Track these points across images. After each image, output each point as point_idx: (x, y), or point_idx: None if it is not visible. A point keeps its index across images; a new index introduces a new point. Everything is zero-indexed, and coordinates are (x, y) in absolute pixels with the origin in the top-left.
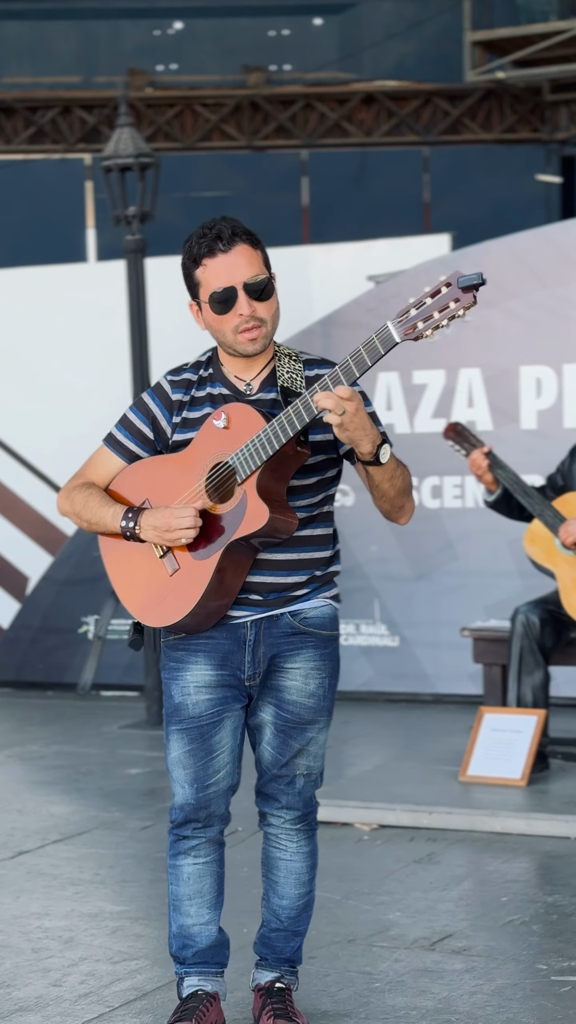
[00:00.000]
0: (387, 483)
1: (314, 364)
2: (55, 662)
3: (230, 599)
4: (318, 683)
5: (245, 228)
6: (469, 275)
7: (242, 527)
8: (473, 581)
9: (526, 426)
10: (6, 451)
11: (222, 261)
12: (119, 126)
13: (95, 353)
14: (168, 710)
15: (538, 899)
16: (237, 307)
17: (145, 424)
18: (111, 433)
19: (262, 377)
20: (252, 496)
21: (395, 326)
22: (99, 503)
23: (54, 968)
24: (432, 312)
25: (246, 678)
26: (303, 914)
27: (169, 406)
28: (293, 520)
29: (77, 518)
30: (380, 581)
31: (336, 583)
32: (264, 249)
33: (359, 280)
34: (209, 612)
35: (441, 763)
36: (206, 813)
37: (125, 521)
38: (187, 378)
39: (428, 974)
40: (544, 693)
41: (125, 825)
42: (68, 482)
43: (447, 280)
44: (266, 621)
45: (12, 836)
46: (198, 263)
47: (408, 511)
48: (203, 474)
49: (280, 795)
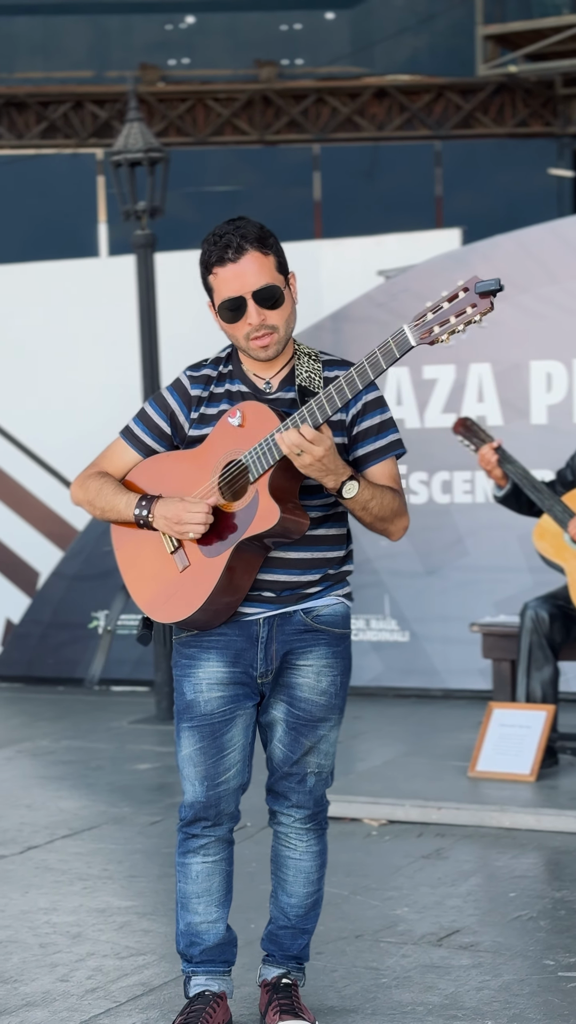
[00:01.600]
0: (359, 512)
1: (334, 365)
2: (65, 657)
3: (240, 597)
4: (330, 680)
5: (257, 233)
6: (487, 280)
7: (253, 526)
8: (483, 576)
9: (536, 421)
10: (16, 446)
11: (231, 270)
12: (129, 121)
13: (106, 348)
14: (179, 707)
15: (546, 895)
16: (247, 316)
17: (163, 419)
18: (128, 426)
19: (281, 376)
20: (264, 495)
21: (411, 330)
22: (113, 491)
23: (61, 963)
24: (449, 316)
25: (258, 675)
26: (311, 912)
27: (188, 401)
28: (304, 520)
29: (90, 506)
30: (390, 576)
31: (349, 582)
32: (278, 251)
33: (369, 275)
34: (218, 609)
35: (450, 758)
36: (216, 811)
37: (139, 509)
38: (207, 374)
39: (435, 970)
40: (553, 688)
41: (134, 820)
42: (83, 471)
43: (465, 285)
44: (279, 618)
45: (21, 831)
46: (209, 270)
47: (396, 531)
48: (216, 471)
49: (291, 793)
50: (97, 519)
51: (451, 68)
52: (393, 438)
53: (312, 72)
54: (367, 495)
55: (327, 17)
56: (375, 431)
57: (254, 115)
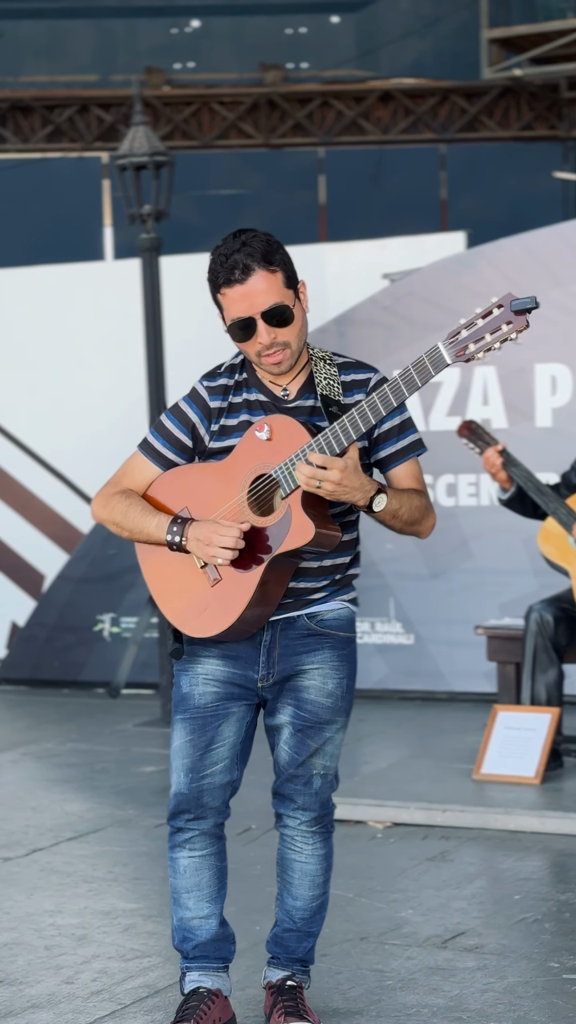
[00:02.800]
0: (389, 521)
1: (349, 369)
2: (70, 660)
3: (272, 608)
4: (336, 683)
5: (263, 249)
6: (522, 299)
7: (287, 542)
8: (488, 579)
9: (541, 424)
10: (22, 449)
11: (239, 291)
12: (134, 124)
13: (112, 352)
14: (175, 700)
15: (551, 897)
16: (257, 335)
17: (184, 432)
18: (147, 440)
19: (299, 383)
20: (297, 511)
21: (446, 347)
22: (141, 512)
23: (67, 965)
24: (484, 334)
25: (259, 678)
26: (316, 915)
27: (208, 414)
28: (337, 533)
29: (116, 527)
30: (395, 579)
31: (354, 586)
32: (285, 264)
33: (374, 278)
34: (250, 623)
35: (455, 761)
36: (198, 804)
37: (171, 535)
38: (223, 384)
39: (440, 972)
40: (558, 691)
41: (139, 823)
42: (104, 488)
43: (499, 302)
44: (282, 623)
45: (26, 834)
46: (218, 289)
47: (424, 531)
48: (245, 486)
49: (296, 795)
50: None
51: (456, 71)
52: (414, 438)
53: (317, 75)
54: (395, 504)
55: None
56: (396, 432)
57: (259, 118)
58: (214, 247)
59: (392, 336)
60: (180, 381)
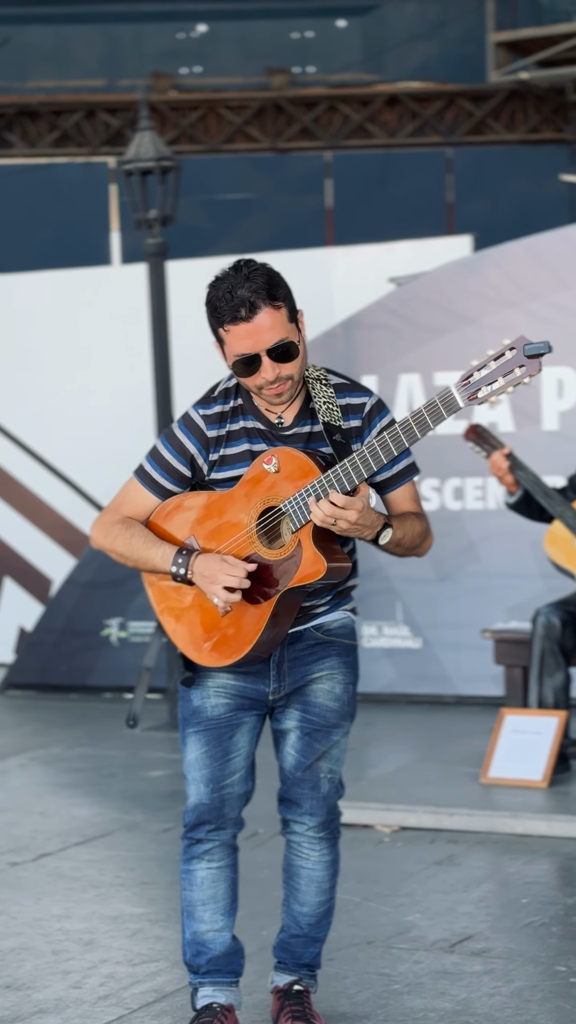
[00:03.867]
0: (392, 550)
1: (345, 391)
2: (78, 665)
3: (283, 635)
4: (343, 687)
5: (267, 284)
6: (536, 344)
7: (299, 576)
8: (495, 582)
9: (548, 427)
10: (29, 454)
11: (244, 329)
12: (140, 130)
13: (118, 356)
14: (186, 714)
15: (558, 901)
16: (261, 371)
17: (182, 463)
18: (143, 467)
19: (295, 409)
20: (308, 546)
21: (459, 391)
22: (144, 543)
23: (74, 970)
24: (496, 377)
25: (271, 692)
26: (323, 921)
27: (205, 444)
28: (347, 564)
29: (119, 556)
30: (402, 583)
31: (353, 596)
32: (287, 297)
33: (381, 282)
34: (262, 651)
35: (462, 765)
36: (219, 814)
37: (176, 567)
38: (219, 411)
39: (447, 976)
40: (565, 694)
41: (147, 828)
42: (103, 516)
43: (511, 344)
44: (289, 638)
45: (34, 838)
46: (220, 324)
47: (423, 552)
48: (253, 518)
49: (303, 800)
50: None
51: (462, 75)
52: (409, 461)
53: (324, 80)
54: (399, 535)
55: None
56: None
57: (266, 123)
58: (214, 279)
59: (398, 340)
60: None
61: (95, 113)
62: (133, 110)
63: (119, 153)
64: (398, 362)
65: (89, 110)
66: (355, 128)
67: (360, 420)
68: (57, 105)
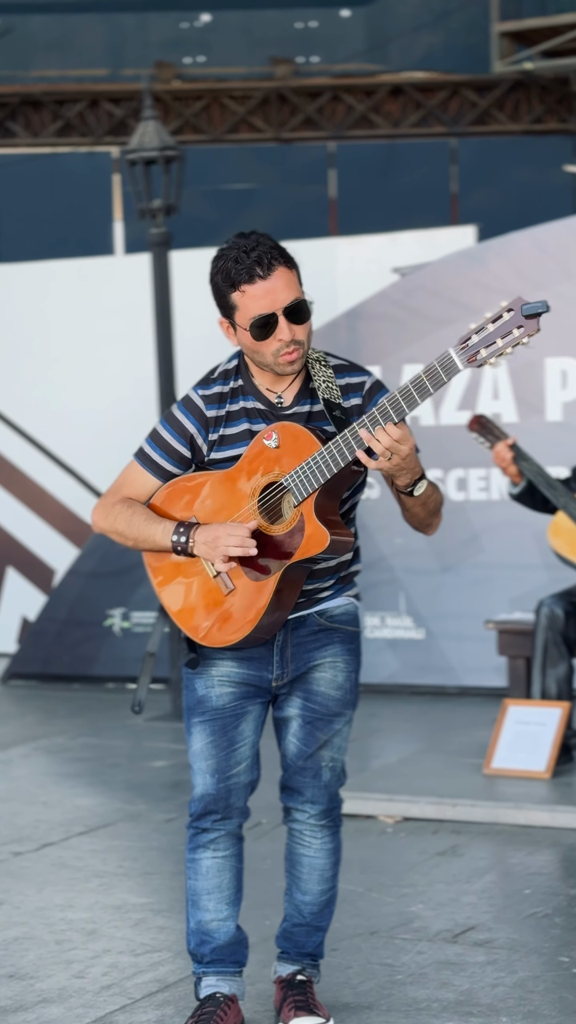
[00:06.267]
0: (418, 507)
1: (344, 371)
2: (81, 655)
3: (286, 614)
4: (346, 676)
5: (280, 248)
6: (533, 303)
7: (302, 550)
8: (498, 573)
9: (551, 418)
10: (32, 444)
11: (262, 287)
12: (144, 119)
13: (121, 346)
14: (190, 703)
15: (561, 892)
16: (277, 332)
17: (182, 444)
18: (143, 450)
19: (295, 389)
20: (311, 519)
21: (457, 353)
22: (145, 520)
23: (77, 960)
24: (495, 339)
25: (274, 678)
26: (325, 910)
27: (205, 423)
28: (350, 538)
29: (119, 536)
30: (405, 574)
31: (356, 582)
32: (296, 265)
33: (384, 272)
34: (266, 630)
35: (465, 756)
36: (226, 804)
37: (177, 536)
38: (218, 392)
39: (450, 966)
40: (568, 685)
41: (150, 818)
42: (104, 498)
43: (508, 306)
44: (293, 623)
45: (37, 828)
46: (235, 287)
47: (436, 525)
48: (254, 494)
49: (305, 788)
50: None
51: (467, 65)
52: None
53: (327, 69)
54: (429, 490)
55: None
56: None
57: (269, 113)
58: (219, 252)
59: (402, 330)
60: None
61: (99, 103)
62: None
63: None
64: (402, 353)
65: (93, 100)
66: (359, 118)
67: (360, 398)
68: (61, 94)
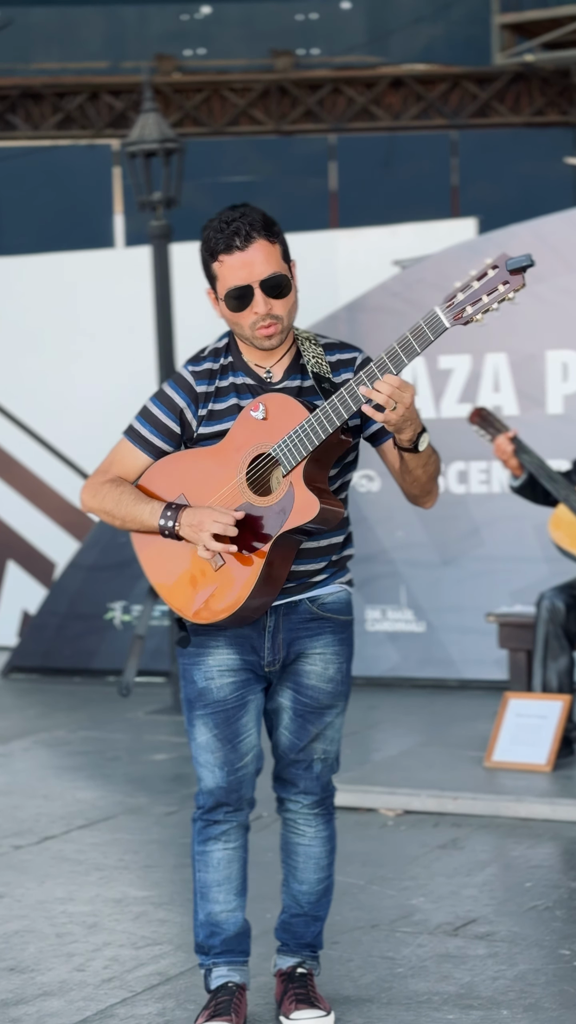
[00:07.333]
0: (420, 469)
1: (334, 349)
2: (82, 648)
3: (277, 590)
4: (337, 668)
5: (264, 220)
6: (518, 257)
7: (292, 519)
8: (499, 566)
9: (552, 411)
10: (32, 436)
11: (239, 259)
12: (144, 111)
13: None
14: (190, 696)
15: (562, 884)
16: (253, 305)
17: (171, 419)
18: (132, 427)
19: (284, 365)
20: (300, 487)
21: (443, 311)
22: (133, 499)
23: (78, 953)
24: (481, 296)
25: (265, 664)
26: (323, 899)
27: (195, 398)
28: (340, 508)
29: (107, 515)
30: (406, 567)
31: (349, 568)
32: (283, 239)
33: (385, 265)
34: (256, 606)
35: (466, 748)
36: (237, 796)
37: (164, 520)
38: (208, 368)
39: (451, 959)
40: (569, 678)
41: (150, 811)
42: (92, 477)
43: (494, 263)
44: (285, 608)
45: (38, 821)
46: (215, 257)
47: (435, 495)
48: (242, 467)
49: (298, 780)
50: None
51: (467, 57)
52: None
53: (328, 62)
54: (430, 448)
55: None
56: None
57: (270, 105)
58: (206, 223)
59: (403, 323)
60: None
61: (99, 95)
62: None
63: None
64: None
65: (93, 92)
66: (359, 110)
67: (352, 373)
68: (61, 87)
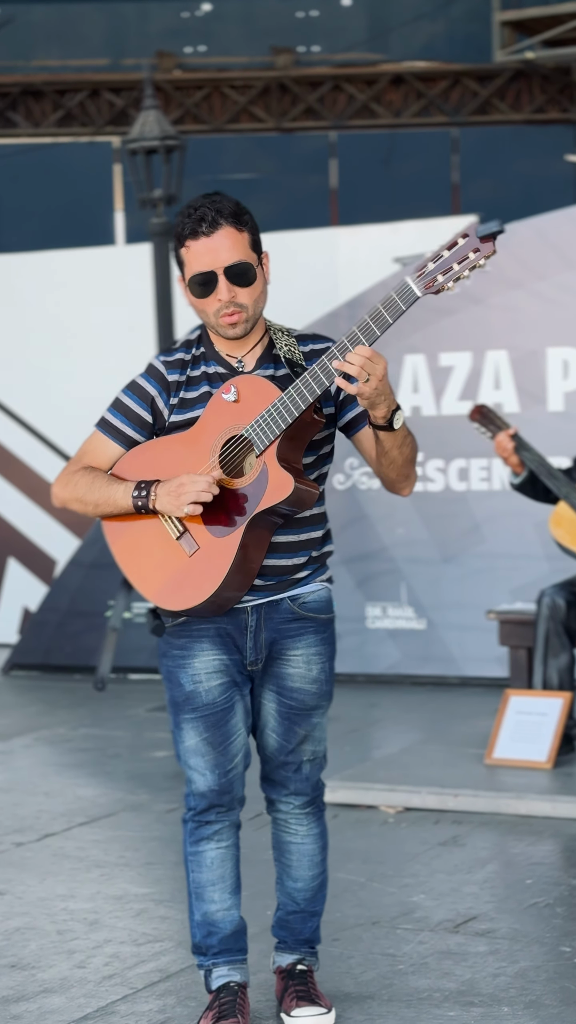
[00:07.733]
0: (396, 450)
1: (307, 339)
2: (82, 645)
3: (252, 577)
4: (320, 668)
5: (234, 208)
6: (488, 224)
7: (266, 498)
8: (499, 564)
9: (553, 408)
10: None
11: (204, 244)
12: (144, 109)
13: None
14: (178, 699)
15: (562, 881)
16: (217, 292)
17: (143, 408)
18: (104, 418)
19: (256, 354)
20: (273, 466)
21: (414, 280)
22: (106, 482)
23: (79, 950)
24: (451, 264)
25: (248, 663)
26: (318, 894)
27: (166, 387)
28: (314, 488)
29: (80, 503)
30: (407, 564)
31: (329, 565)
32: (253, 228)
33: (386, 262)
34: (231, 593)
35: (467, 746)
36: (229, 797)
37: (137, 493)
38: (180, 358)
39: (452, 956)
40: (570, 675)
41: (151, 808)
42: (64, 469)
43: (464, 231)
44: (267, 607)
45: (39, 818)
46: (182, 242)
47: (413, 480)
48: (215, 450)
49: (288, 782)
50: (89, 516)
51: (468, 54)
52: None
53: (328, 59)
54: (406, 429)
55: (343, 4)
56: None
57: (270, 102)
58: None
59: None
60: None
61: (99, 92)
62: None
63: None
64: (403, 343)
65: (93, 89)
66: (360, 108)
67: None
68: (61, 84)
